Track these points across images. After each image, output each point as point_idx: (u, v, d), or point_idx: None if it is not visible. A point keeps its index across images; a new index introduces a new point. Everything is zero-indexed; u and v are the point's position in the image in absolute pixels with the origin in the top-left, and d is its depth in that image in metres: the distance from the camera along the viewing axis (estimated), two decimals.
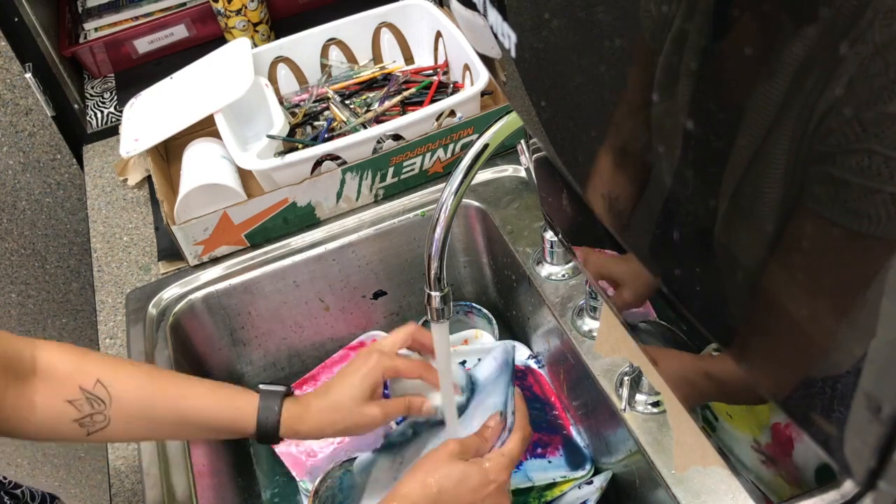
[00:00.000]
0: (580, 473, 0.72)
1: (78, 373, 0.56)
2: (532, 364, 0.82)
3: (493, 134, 0.56)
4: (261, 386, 0.62)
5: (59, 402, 0.55)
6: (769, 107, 0.20)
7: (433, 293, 0.56)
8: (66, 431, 0.56)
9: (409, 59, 0.98)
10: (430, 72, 0.94)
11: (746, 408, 0.43)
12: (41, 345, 0.57)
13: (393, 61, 0.98)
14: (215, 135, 0.85)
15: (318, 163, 0.81)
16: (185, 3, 1.13)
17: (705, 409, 0.46)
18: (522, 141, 0.77)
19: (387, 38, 0.97)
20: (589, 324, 0.70)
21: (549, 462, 0.74)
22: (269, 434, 0.60)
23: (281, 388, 0.62)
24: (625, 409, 0.64)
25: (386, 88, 0.92)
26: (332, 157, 0.81)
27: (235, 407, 0.60)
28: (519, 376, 0.80)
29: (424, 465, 0.56)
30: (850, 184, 0.19)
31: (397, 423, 0.79)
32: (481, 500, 0.55)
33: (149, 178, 0.93)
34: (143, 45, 1.12)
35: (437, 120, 0.83)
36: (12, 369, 0.54)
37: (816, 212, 0.20)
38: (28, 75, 1.01)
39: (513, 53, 0.33)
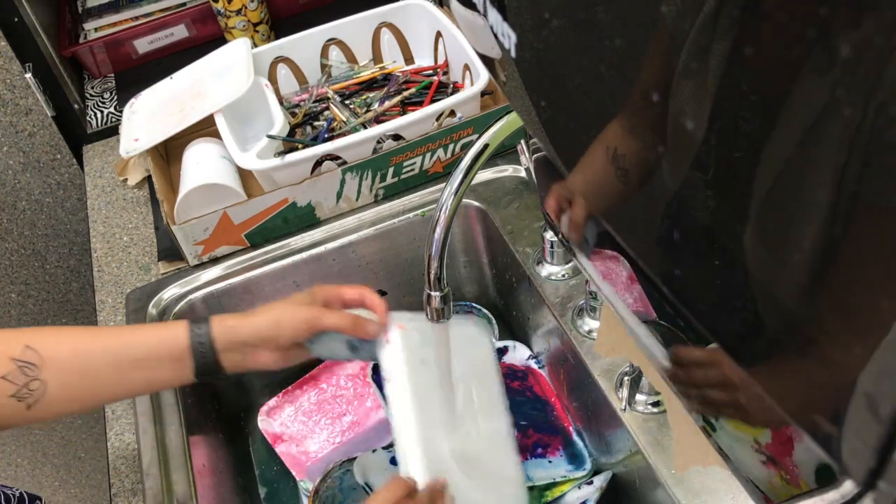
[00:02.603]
0: (580, 474, 0.72)
1: (6, 344, 0.54)
2: (532, 364, 0.82)
3: (493, 134, 0.56)
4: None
5: None
6: (804, 103, 0.20)
7: (433, 293, 0.56)
8: (7, 409, 0.54)
9: (409, 59, 0.98)
10: (430, 72, 0.94)
11: None
12: None
13: (393, 61, 0.98)
14: (215, 135, 0.85)
15: (318, 163, 0.81)
16: (185, 3, 1.13)
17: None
18: (522, 141, 0.77)
19: (387, 38, 0.97)
20: (589, 324, 0.71)
21: (550, 462, 0.74)
22: (205, 352, 0.57)
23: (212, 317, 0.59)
24: (625, 409, 0.65)
25: (386, 88, 0.92)
26: (332, 157, 0.81)
27: (166, 332, 0.58)
28: (519, 376, 0.80)
29: None
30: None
31: None
32: None
33: (149, 178, 0.93)
34: (143, 45, 1.12)
35: (437, 120, 0.83)
36: None
37: (870, 202, 0.19)
38: (28, 75, 1.01)
39: (513, 53, 0.33)
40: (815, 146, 0.20)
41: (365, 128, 0.85)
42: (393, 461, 0.74)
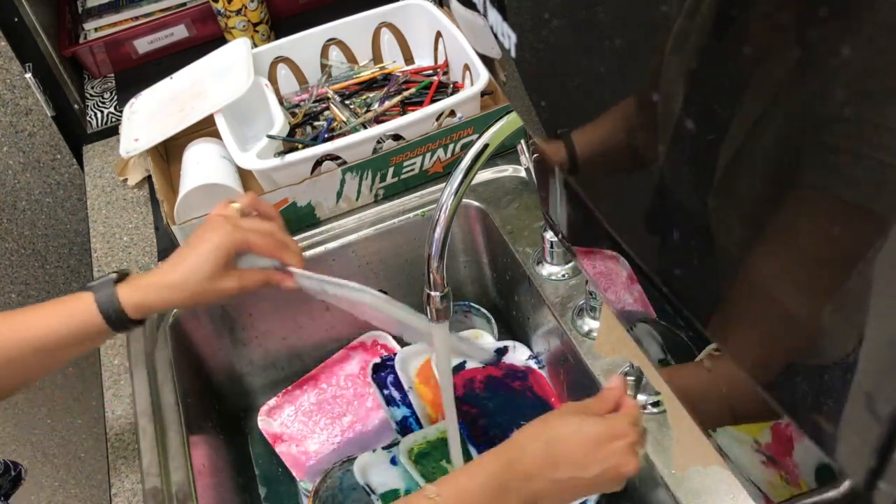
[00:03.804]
0: None
1: None
2: (532, 364, 0.82)
3: (493, 134, 0.56)
4: (89, 284, 0.59)
5: None
6: (765, 88, 0.21)
7: (433, 293, 0.56)
8: None
9: (408, 59, 0.98)
10: (430, 72, 0.94)
11: None
12: None
13: (393, 61, 0.98)
14: (215, 135, 0.85)
15: (318, 163, 0.81)
16: (185, 4, 1.13)
17: None
18: (522, 141, 0.77)
19: (387, 38, 0.97)
20: (589, 324, 0.71)
21: None
22: (119, 321, 0.57)
23: (110, 276, 0.59)
24: None
25: (386, 88, 0.92)
26: (332, 157, 0.81)
27: (74, 310, 0.57)
28: (519, 376, 0.80)
29: (541, 419, 0.51)
30: (841, 151, 0.19)
31: (397, 423, 0.79)
32: (605, 458, 0.48)
33: (149, 178, 0.94)
34: (143, 45, 1.12)
35: (437, 120, 0.83)
36: None
37: (810, 182, 0.20)
38: (28, 75, 1.01)
39: (513, 53, 0.33)
40: (762, 138, 0.21)
41: (365, 128, 0.85)
42: (393, 461, 0.74)
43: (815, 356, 0.23)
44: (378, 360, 0.85)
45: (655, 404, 0.64)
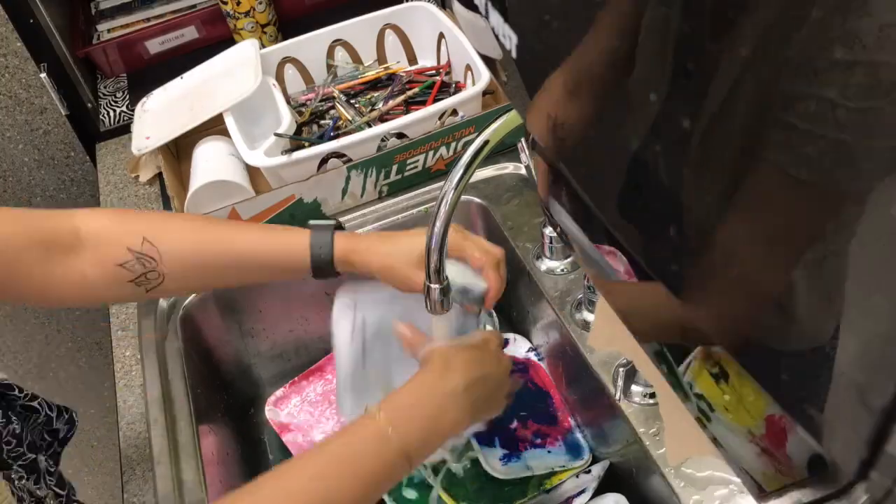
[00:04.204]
0: (578, 463, 0.74)
1: (123, 234, 0.56)
2: (532, 357, 0.84)
3: (494, 131, 0.57)
4: (311, 222, 0.61)
5: (111, 267, 0.55)
6: (731, 62, 0.21)
7: (433, 285, 0.57)
8: (125, 293, 0.56)
9: (412, 59, 1.00)
10: (433, 72, 0.95)
11: (742, 400, 0.44)
12: (79, 214, 0.57)
13: (397, 62, 0.99)
14: (224, 133, 0.87)
15: (324, 160, 0.83)
16: (195, 6, 1.15)
17: (700, 400, 0.47)
18: (523, 139, 0.78)
19: (391, 39, 0.99)
20: (587, 317, 0.72)
21: (549, 452, 0.75)
22: (323, 265, 0.59)
23: (331, 223, 0.61)
24: (620, 400, 0.66)
25: (390, 88, 0.94)
26: (338, 154, 0.83)
27: (288, 242, 0.59)
28: (519, 368, 0.82)
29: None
30: (798, 129, 0.20)
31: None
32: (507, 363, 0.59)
33: (160, 174, 0.95)
34: (154, 45, 1.14)
35: (439, 119, 0.85)
36: (55, 245, 0.54)
37: (770, 160, 0.21)
38: (43, 75, 1.03)
39: (513, 54, 0.34)
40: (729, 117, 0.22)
41: (369, 126, 0.87)
42: None
43: (807, 349, 0.23)
44: None
45: (652, 395, 0.66)
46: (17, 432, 0.56)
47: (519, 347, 0.84)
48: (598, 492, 0.71)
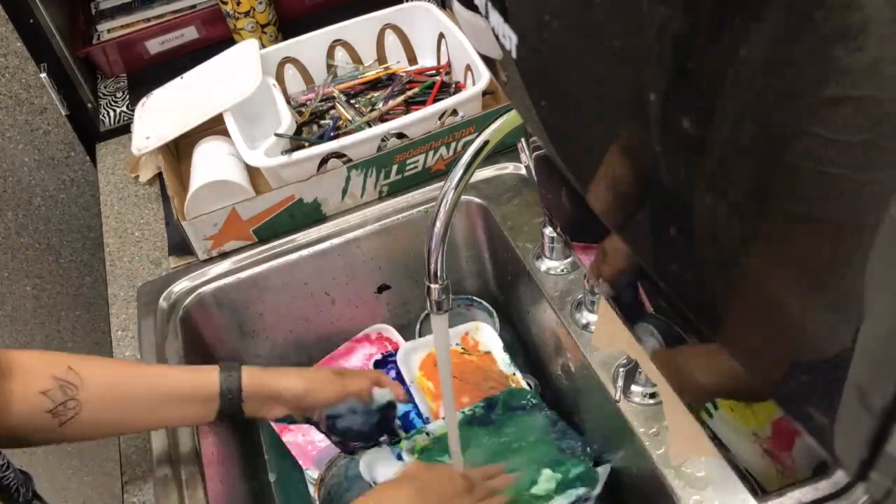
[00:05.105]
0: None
1: (50, 364, 0.58)
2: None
3: (494, 131, 0.57)
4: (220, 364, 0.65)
5: (33, 393, 0.56)
6: (734, 97, 0.22)
7: (433, 285, 0.57)
8: (40, 424, 0.57)
9: (412, 59, 1.00)
10: (433, 72, 0.95)
11: (750, 403, 0.44)
12: (11, 351, 0.59)
13: (397, 62, 1.00)
14: (224, 133, 0.87)
15: (324, 160, 0.83)
16: (195, 6, 1.15)
17: None
18: (523, 139, 0.78)
19: (391, 39, 0.99)
20: (587, 317, 0.72)
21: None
22: (232, 398, 0.63)
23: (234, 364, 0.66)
24: (620, 400, 0.66)
25: (390, 88, 0.94)
26: (338, 154, 0.83)
27: (199, 374, 0.63)
28: None
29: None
30: (798, 168, 0.20)
31: (399, 417, 0.80)
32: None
33: (160, 174, 0.95)
34: (154, 45, 1.14)
35: (439, 119, 0.85)
36: None
37: (777, 200, 0.21)
38: (43, 75, 1.03)
39: (513, 54, 0.34)
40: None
41: (370, 126, 0.87)
42: (399, 456, 0.75)
43: (810, 351, 0.24)
44: (379, 356, 0.87)
45: (652, 395, 0.66)
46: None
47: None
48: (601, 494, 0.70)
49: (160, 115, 0.92)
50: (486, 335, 0.86)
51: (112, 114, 1.10)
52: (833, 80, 0.18)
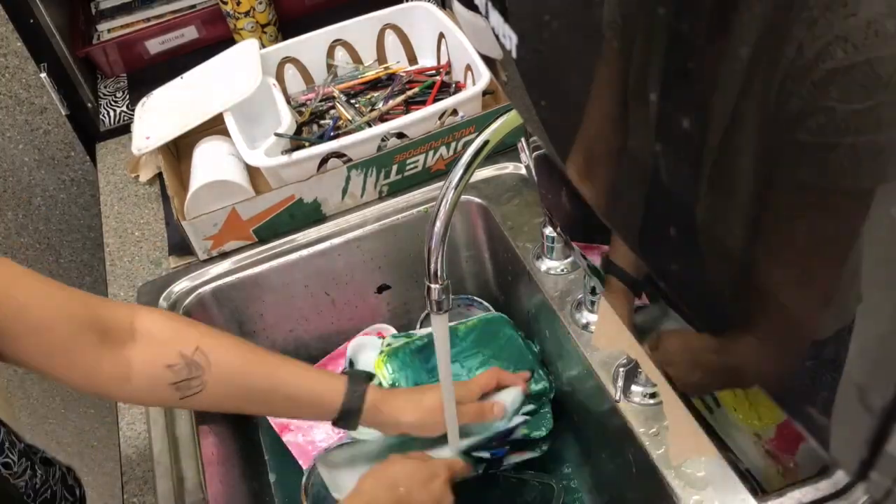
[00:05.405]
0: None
1: (179, 339, 0.58)
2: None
3: (494, 131, 0.57)
4: (347, 370, 0.66)
5: (159, 366, 0.56)
6: (735, 84, 0.22)
7: (433, 285, 0.57)
8: (162, 395, 0.57)
9: (412, 59, 1.00)
10: (433, 72, 0.95)
11: (752, 405, 0.44)
12: (140, 311, 0.59)
13: (397, 62, 1.00)
14: (224, 133, 0.87)
15: (324, 160, 0.83)
16: (195, 6, 1.15)
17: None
18: (523, 139, 0.78)
19: (391, 39, 0.99)
20: (587, 317, 0.72)
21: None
22: (351, 414, 0.63)
23: (365, 372, 0.66)
24: (619, 400, 0.66)
25: (390, 88, 0.94)
26: (338, 154, 0.83)
27: (325, 384, 0.63)
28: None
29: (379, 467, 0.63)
30: (813, 144, 0.20)
31: None
32: (430, 491, 0.62)
33: (160, 174, 0.95)
34: (154, 45, 1.14)
35: (439, 119, 0.85)
36: (110, 335, 0.55)
37: (790, 177, 0.21)
38: (43, 75, 1.03)
39: (513, 54, 0.34)
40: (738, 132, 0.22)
41: (370, 126, 0.87)
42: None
43: (809, 350, 0.24)
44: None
45: (652, 395, 0.66)
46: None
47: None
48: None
49: (160, 115, 0.92)
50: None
51: (112, 114, 1.10)
52: (833, 48, 0.18)
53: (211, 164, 0.86)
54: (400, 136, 0.84)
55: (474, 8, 0.37)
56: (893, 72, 0.17)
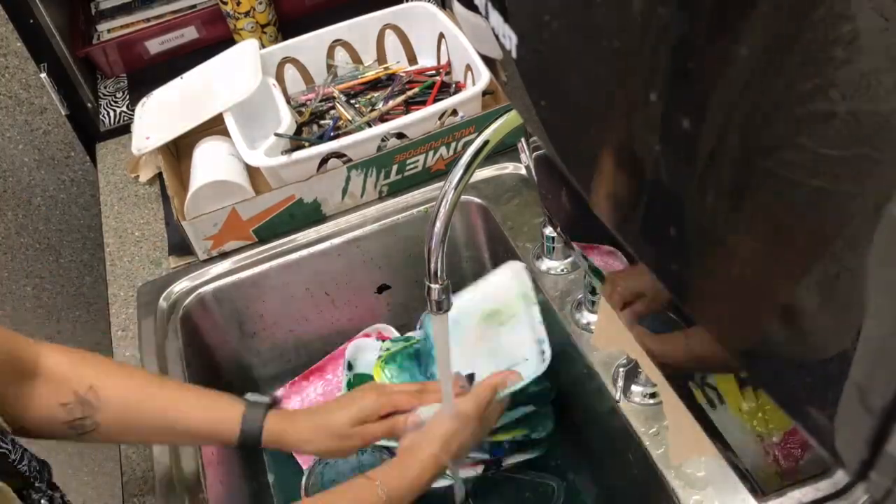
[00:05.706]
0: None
1: (74, 377, 0.59)
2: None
3: (494, 131, 0.57)
4: (247, 396, 0.65)
5: (54, 404, 0.57)
6: (724, 102, 0.22)
7: (433, 285, 0.57)
8: (58, 432, 0.58)
9: (412, 59, 1.00)
10: (433, 72, 0.95)
11: (762, 408, 0.44)
12: (44, 347, 0.60)
13: (397, 62, 1.00)
14: (224, 133, 0.87)
15: (324, 160, 0.83)
16: (195, 6, 1.15)
17: (710, 389, 0.47)
18: (523, 139, 0.78)
19: (391, 39, 0.99)
20: (587, 317, 0.72)
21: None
22: (250, 442, 0.63)
23: (266, 400, 0.65)
24: (620, 400, 0.66)
25: (390, 88, 0.94)
26: (338, 154, 0.83)
27: (221, 416, 0.63)
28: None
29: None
30: (780, 177, 0.20)
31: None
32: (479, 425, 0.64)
33: (160, 174, 0.95)
34: (154, 45, 1.14)
35: (439, 119, 0.85)
36: (17, 369, 0.57)
37: (761, 206, 0.21)
38: (43, 75, 1.03)
39: (513, 54, 0.34)
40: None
41: (370, 126, 0.87)
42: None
43: (809, 350, 0.24)
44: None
45: (652, 395, 0.66)
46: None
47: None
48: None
49: (160, 115, 0.92)
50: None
51: (112, 114, 1.10)
52: (823, 92, 0.18)
53: (211, 164, 0.86)
54: (400, 136, 0.84)
55: (474, 8, 0.37)
56: (880, 127, 0.17)
